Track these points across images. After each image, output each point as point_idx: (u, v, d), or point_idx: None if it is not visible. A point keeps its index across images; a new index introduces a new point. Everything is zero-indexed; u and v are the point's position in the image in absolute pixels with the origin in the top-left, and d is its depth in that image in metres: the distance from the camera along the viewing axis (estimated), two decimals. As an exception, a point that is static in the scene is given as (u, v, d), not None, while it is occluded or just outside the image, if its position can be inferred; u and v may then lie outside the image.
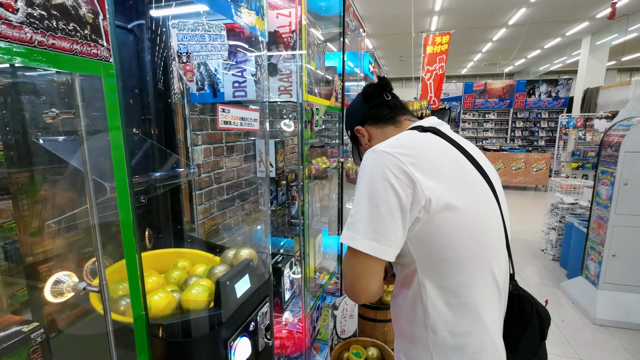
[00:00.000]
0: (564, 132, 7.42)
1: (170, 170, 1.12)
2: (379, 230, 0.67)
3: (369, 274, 0.70)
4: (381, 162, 0.70)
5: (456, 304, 0.72)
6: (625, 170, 2.61)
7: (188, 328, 0.78)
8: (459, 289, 0.71)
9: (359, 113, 0.95)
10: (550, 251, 4.04)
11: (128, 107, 0.94)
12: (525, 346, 0.81)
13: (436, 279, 0.72)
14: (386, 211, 0.67)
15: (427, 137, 0.78)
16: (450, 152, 0.77)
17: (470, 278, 0.71)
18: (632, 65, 14.28)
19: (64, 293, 0.59)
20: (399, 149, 0.71)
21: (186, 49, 0.70)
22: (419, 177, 0.67)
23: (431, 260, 0.71)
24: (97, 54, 0.50)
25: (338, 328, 1.92)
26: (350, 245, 0.69)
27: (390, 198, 0.67)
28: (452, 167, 0.74)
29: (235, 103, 1.19)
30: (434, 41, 6.04)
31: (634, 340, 2.50)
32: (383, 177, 0.68)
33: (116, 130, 0.53)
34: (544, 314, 0.83)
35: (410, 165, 0.68)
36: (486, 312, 0.74)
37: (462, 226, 0.69)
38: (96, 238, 0.55)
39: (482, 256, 0.72)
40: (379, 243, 0.67)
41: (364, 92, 0.95)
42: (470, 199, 0.72)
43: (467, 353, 0.73)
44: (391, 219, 0.67)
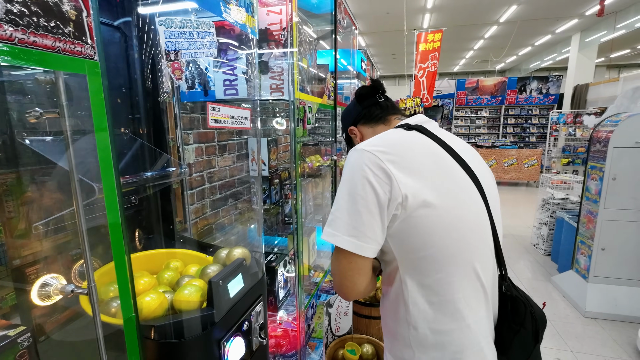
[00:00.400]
0: (555, 128, 7.53)
1: (161, 170, 1.10)
2: (358, 227, 0.68)
3: (355, 271, 0.72)
4: (361, 160, 0.71)
5: (437, 302, 0.72)
6: (614, 165, 2.66)
7: (180, 329, 0.78)
8: (439, 286, 0.72)
9: (353, 114, 0.99)
10: (541, 246, 4.10)
11: (116, 106, 0.92)
12: (517, 348, 0.80)
13: (417, 276, 0.73)
14: (364, 208, 0.68)
15: (410, 135, 0.79)
16: (433, 150, 0.76)
17: (450, 276, 0.71)
18: (620, 62, 14.51)
19: (51, 296, 0.58)
20: (379, 147, 0.72)
21: (174, 47, 0.69)
22: (396, 174, 0.68)
23: (411, 257, 0.72)
24: (81, 52, 0.49)
25: (333, 326, 1.93)
26: (330, 241, 0.71)
27: (368, 195, 0.68)
28: (433, 165, 0.73)
29: (226, 101, 1.18)
30: (426, 38, 6.06)
31: (623, 332, 2.55)
32: (362, 174, 0.69)
33: (102, 130, 0.52)
34: (540, 316, 0.81)
35: (388, 162, 0.69)
36: (468, 311, 0.73)
37: (440, 224, 0.69)
38: (84, 240, 0.54)
39: (462, 254, 0.72)
40: (357, 240, 0.69)
41: (357, 94, 0.98)
42: (449, 196, 0.71)
43: (448, 351, 0.73)
44: (369, 216, 0.68)
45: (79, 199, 0.52)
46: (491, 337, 0.79)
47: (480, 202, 0.76)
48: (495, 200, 0.81)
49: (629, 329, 2.58)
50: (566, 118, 7.23)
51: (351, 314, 2.01)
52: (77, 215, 0.53)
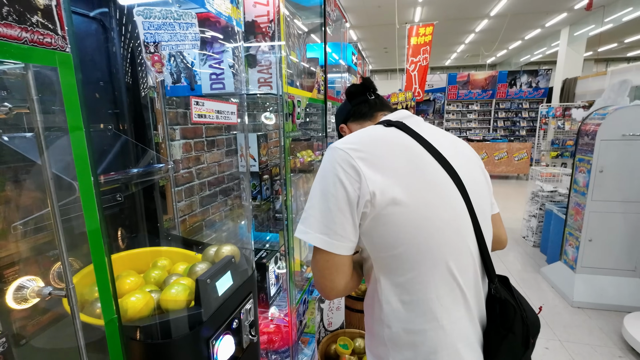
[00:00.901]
0: (544, 121, 7.62)
1: (147, 167, 1.08)
2: (329, 224, 0.69)
3: (332, 269, 0.72)
4: (333, 158, 0.71)
5: (409, 301, 0.71)
6: (601, 157, 2.70)
7: (167, 329, 0.76)
8: (411, 285, 0.71)
9: (343, 112, 1.00)
10: (531, 238, 4.17)
11: (94, 101, 0.89)
12: (505, 354, 0.77)
13: (389, 274, 0.72)
14: (335, 206, 0.68)
15: (386, 132, 0.77)
16: (409, 147, 0.74)
17: (422, 275, 0.70)
18: (607, 56, 14.72)
19: (28, 299, 0.56)
20: (351, 144, 0.72)
21: (153, 39, 0.66)
22: (365, 172, 0.68)
23: (382, 255, 0.72)
24: (51, 43, 0.46)
25: (325, 321, 1.93)
26: (303, 239, 0.71)
27: (338, 193, 0.68)
28: (406, 162, 0.71)
29: (213, 96, 1.15)
30: (417, 32, 6.05)
31: (609, 321, 2.62)
32: (333, 172, 0.70)
33: (77, 125, 0.50)
34: (532, 322, 0.77)
35: (358, 159, 0.69)
36: (442, 311, 0.71)
37: (409, 221, 0.68)
38: (60, 240, 0.52)
39: (434, 252, 0.70)
40: (329, 237, 0.69)
41: (347, 92, 0.98)
42: (420, 194, 0.69)
43: (422, 352, 0.72)
44: (340, 213, 0.68)
45: (54, 197, 0.50)
46: (475, 340, 0.76)
47: (459, 199, 0.73)
48: (481, 198, 0.78)
49: (614, 317, 2.64)
50: (555, 111, 7.32)
51: (343, 308, 2.02)
52: (53, 215, 0.51)
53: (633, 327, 2.31)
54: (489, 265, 0.77)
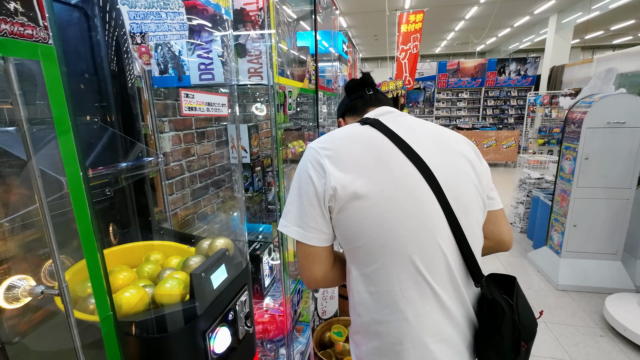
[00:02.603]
0: (532, 109, 7.72)
1: (136, 160, 1.05)
2: (303, 218, 0.75)
3: (309, 259, 0.78)
4: (306, 157, 0.78)
5: (375, 292, 0.74)
6: (587, 145, 2.76)
7: (163, 323, 0.76)
8: (376, 277, 0.74)
9: (342, 107, 1.02)
10: (518, 224, 4.27)
11: (79, 92, 0.86)
12: (491, 356, 0.75)
13: (357, 265, 0.76)
14: (307, 200, 0.74)
15: (358, 130, 0.80)
16: (378, 144, 0.75)
17: (385, 267, 0.72)
18: (594, 44, 14.90)
19: (19, 298, 0.55)
20: (322, 143, 0.78)
21: (140, 29, 0.63)
22: (329, 168, 0.73)
23: (349, 247, 0.76)
24: (32, 35, 0.44)
25: (319, 309, 1.96)
26: (283, 231, 0.78)
27: (309, 188, 0.74)
28: (372, 159, 0.73)
29: (202, 87, 1.13)
30: (408, 19, 6.00)
31: (591, 302, 2.73)
32: (305, 169, 0.76)
33: (62, 119, 0.48)
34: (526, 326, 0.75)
35: (325, 157, 0.74)
36: (405, 304, 0.71)
37: (371, 215, 0.71)
38: (50, 238, 0.51)
39: (396, 246, 0.70)
40: (303, 230, 0.75)
41: (346, 87, 1.01)
42: (382, 188, 0.70)
43: (387, 342, 0.75)
44: (310, 207, 0.74)
45: (41, 193, 0.49)
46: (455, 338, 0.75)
47: (427, 193, 0.71)
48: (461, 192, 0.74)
49: (596, 299, 2.76)
50: (543, 99, 7.42)
51: (337, 297, 2.05)
52: (42, 212, 0.50)
53: (613, 307, 2.41)
54: (470, 264, 0.74)
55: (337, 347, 1.82)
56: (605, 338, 2.32)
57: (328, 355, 1.79)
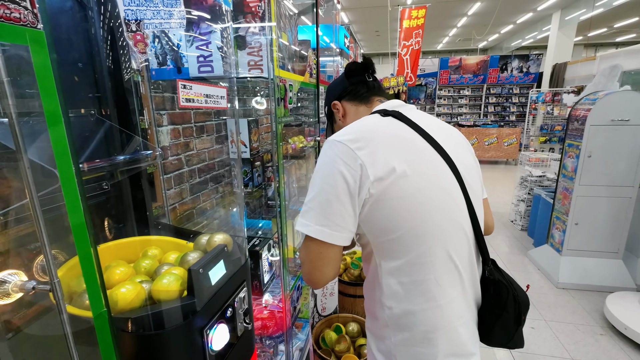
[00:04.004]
0: (534, 107, 7.68)
1: (134, 154, 1.03)
2: (329, 216, 0.71)
3: (325, 261, 0.74)
4: (331, 151, 0.73)
5: (408, 283, 0.74)
6: (590, 143, 2.74)
7: (160, 319, 0.75)
8: (410, 267, 0.73)
9: (339, 88, 0.97)
10: (519, 222, 4.26)
11: (73, 84, 0.83)
12: (499, 332, 0.81)
13: (389, 258, 0.75)
14: (335, 197, 0.70)
15: (383, 122, 0.79)
16: (405, 135, 0.77)
17: (420, 257, 0.72)
18: (597, 41, 14.79)
19: (10, 294, 0.53)
20: (348, 135, 0.74)
21: (135, 16, 0.61)
22: (365, 160, 0.70)
23: (382, 240, 0.74)
24: (19, 19, 0.42)
25: (319, 306, 1.95)
26: (304, 231, 0.72)
27: (339, 185, 0.70)
28: (403, 150, 0.73)
29: (201, 79, 1.10)
30: (410, 15, 5.94)
31: (591, 300, 2.72)
32: (332, 164, 0.72)
33: (53, 109, 0.46)
34: (522, 300, 0.82)
35: (357, 150, 0.71)
36: (439, 291, 0.74)
37: (408, 206, 0.71)
38: (41, 232, 0.49)
39: (432, 234, 0.72)
40: (329, 229, 0.71)
41: (347, 69, 0.96)
42: (418, 180, 0.71)
43: (420, 331, 0.75)
44: (339, 205, 0.70)
45: (32, 186, 0.47)
46: (470, 318, 0.80)
47: (454, 183, 0.76)
48: (473, 181, 0.81)
49: (596, 297, 2.75)
50: (545, 97, 7.37)
51: (337, 294, 2.04)
52: (32, 206, 0.48)
53: (614, 306, 2.40)
54: (483, 248, 0.81)
55: (336, 344, 1.81)
56: (605, 337, 2.31)
57: (327, 352, 1.79)
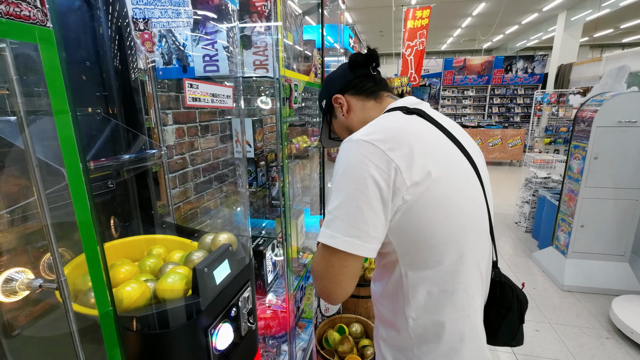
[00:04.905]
0: (539, 108, 7.62)
1: (139, 153, 1.04)
2: (360, 226, 0.63)
3: (347, 275, 0.66)
4: (359, 152, 0.65)
5: (437, 292, 0.70)
6: (596, 144, 2.71)
7: (165, 319, 0.75)
8: (440, 277, 0.69)
9: (341, 81, 0.88)
10: (523, 223, 4.23)
11: (81, 83, 0.84)
12: (505, 331, 0.82)
13: (418, 268, 0.70)
14: (366, 205, 0.62)
15: (410, 120, 0.73)
16: (435, 136, 0.72)
17: (452, 266, 0.69)
18: (603, 42, 14.67)
19: (17, 292, 0.53)
20: (377, 134, 0.67)
21: (143, 15, 0.61)
22: (400, 164, 0.63)
23: (412, 249, 0.69)
24: (29, 17, 0.42)
25: (322, 307, 1.95)
26: (330, 244, 0.64)
27: (370, 190, 0.62)
28: (436, 154, 0.68)
29: (207, 79, 1.11)
30: (414, 15, 5.93)
31: (597, 303, 2.69)
32: (361, 167, 0.64)
33: (61, 108, 0.46)
34: (523, 298, 0.83)
35: (389, 151, 0.64)
36: (468, 300, 0.72)
37: (443, 213, 0.66)
38: (49, 230, 0.49)
39: (463, 243, 0.69)
40: (359, 240, 0.63)
41: (351, 60, 0.88)
42: (451, 185, 0.67)
43: (448, 341, 0.72)
44: (372, 213, 0.63)
45: (39, 184, 0.47)
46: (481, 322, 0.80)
47: (479, 187, 0.73)
48: (488, 185, 0.79)
49: (602, 300, 2.72)
50: (550, 98, 7.32)
51: (340, 294, 2.03)
52: (40, 204, 0.48)
53: (620, 309, 2.38)
54: (495, 254, 0.82)
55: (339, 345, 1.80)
56: (611, 340, 2.29)
57: (330, 353, 1.78)
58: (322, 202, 2.11)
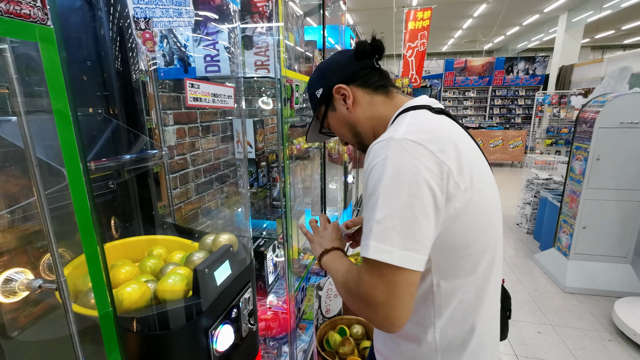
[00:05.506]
0: (540, 109, 7.61)
1: (140, 153, 1.04)
2: (417, 237, 0.56)
3: (413, 294, 0.58)
4: (407, 153, 0.57)
5: (468, 300, 0.67)
6: (598, 145, 2.70)
7: (165, 319, 0.74)
8: (472, 285, 0.67)
9: (345, 70, 0.78)
10: (525, 225, 4.22)
11: (81, 83, 0.84)
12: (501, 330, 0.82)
13: (453, 276, 0.66)
14: (423, 213, 0.56)
15: (445, 121, 0.68)
16: (467, 138, 0.68)
17: (483, 272, 0.67)
18: (604, 43, 14.65)
19: (17, 292, 0.53)
20: (422, 134, 0.60)
21: (144, 14, 0.61)
22: (452, 168, 0.58)
23: (449, 258, 0.64)
24: (29, 15, 0.42)
25: (323, 308, 1.94)
26: (383, 259, 0.55)
27: (425, 196, 0.56)
28: (473, 158, 0.65)
29: (208, 79, 1.10)
30: (415, 16, 5.93)
31: (599, 305, 2.68)
32: (413, 170, 0.56)
33: (62, 107, 0.46)
34: (508, 294, 0.85)
35: (439, 153, 0.58)
36: (491, 306, 0.72)
37: (481, 221, 0.64)
38: (48, 230, 0.48)
39: (494, 249, 0.68)
40: (417, 253, 0.56)
41: (359, 48, 0.78)
42: (484, 191, 0.64)
43: (473, 348, 0.70)
44: (427, 221, 0.56)
45: (39, 184, 0.47)
46: None
47: (497, 192, 0.72)
48: None
49: (605, 302, 2.71)
50: (551, 99, 7.31)
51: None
52: (40, 204, 0.48)
53: (623, 311, 2.36)
54: None
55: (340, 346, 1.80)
56: (614, 342, 2.27)
57: (331, 354, 1.77)
58: (322, 203, 2.11)
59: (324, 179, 2.05)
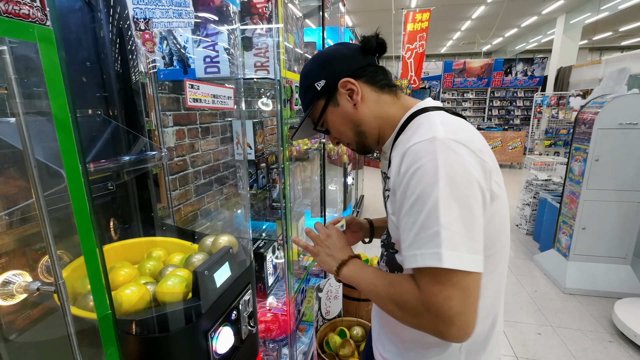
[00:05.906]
0: (539, 110, 7.63)
1: (140, 154, 1.03)
2: (477, 237, 0.55)
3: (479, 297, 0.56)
4: (455, 153, 0.56)
5: (490, 298, 0.68)
6: (597, 146, 2.71)
7: (164, 322, 0.74)
8: (490, 283, 0.67)
9: (352, 63, 0.72)
10: (524, 226, 4.22)
11: (81, 84, 0.83)
12: None
13: None
14: (479, 214, 0.55)
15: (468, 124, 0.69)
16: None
17: (499, 269, 0.68)
18: (602, 45, 14.71)
19: (14, 295, 0.52)
20: (461, 134, 0.59)
21: (144, 15, 0.61)
22: (492, 167, 0.60)
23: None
24: (28, 15, 0.42)
25: (323, 309, 1.93)
26: (459, 267, 0.52)
27: (478, 196, 0.56)
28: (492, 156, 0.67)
29: (207, 80, 1.10)
30: (414, 18, 5.95)
31: (599, 306, 2.68)
32: (465, 170, 0.55)
33: (61, 108, 0.46)
34: None
35: (479, 153, 0.59)
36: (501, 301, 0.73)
37: (503, 221, 0.65)
38: (47, 232, 0.48)
39: (507, 248, 0.70)
40: (480, 254, 0.55)
41: (366, 44, 0.73)
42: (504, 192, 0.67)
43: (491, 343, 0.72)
44: (481, 221, 0.56)
45: (38, 185, 0.46)
46: None
47: None
48: None
49: (605, 303, 2.70)
50: (550, 100, 7.33)
51: (341, 297, 2.02)
52: (38, 206, 0.47)
53: (623, 312, 2.36)
54: None
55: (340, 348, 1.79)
56: (614, 344, 2.27)
57: (331, 356, 1.77)
58: (322, 205, 2.10)
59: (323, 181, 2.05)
